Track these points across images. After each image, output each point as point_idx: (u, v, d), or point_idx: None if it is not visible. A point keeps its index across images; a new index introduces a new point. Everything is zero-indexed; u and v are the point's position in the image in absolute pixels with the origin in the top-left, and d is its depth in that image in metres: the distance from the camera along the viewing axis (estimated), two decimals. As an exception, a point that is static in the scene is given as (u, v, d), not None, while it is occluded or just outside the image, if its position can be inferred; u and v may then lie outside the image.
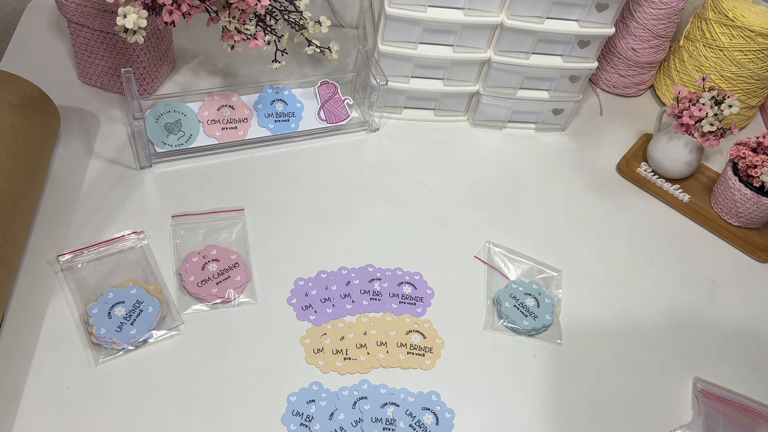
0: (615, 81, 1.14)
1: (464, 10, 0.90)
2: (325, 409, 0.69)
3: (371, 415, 0.69)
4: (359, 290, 0.80)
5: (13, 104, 0.77)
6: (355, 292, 0.80)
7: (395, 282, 0.82)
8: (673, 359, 0.81)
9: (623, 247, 0.92)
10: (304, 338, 0.75)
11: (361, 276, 0.81)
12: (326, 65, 1.07)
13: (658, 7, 1.04)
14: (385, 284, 0.81)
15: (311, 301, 0.78)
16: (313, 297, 0.78)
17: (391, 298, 0.80)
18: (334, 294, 0.79)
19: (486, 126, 1.05)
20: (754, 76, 1.05)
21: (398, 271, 0.83)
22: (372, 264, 0.83)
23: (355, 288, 0.80)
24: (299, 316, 0.77)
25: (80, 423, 0.65)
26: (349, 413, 0.69)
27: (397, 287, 0.81)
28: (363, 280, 0.81)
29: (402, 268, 0.83)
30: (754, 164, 0.91)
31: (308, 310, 0.77)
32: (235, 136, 0.92)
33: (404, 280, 0.82)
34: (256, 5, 0.80)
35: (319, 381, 0.71)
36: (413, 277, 0.83)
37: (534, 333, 0.80)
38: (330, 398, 0.70)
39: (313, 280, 0.80)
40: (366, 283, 0.81)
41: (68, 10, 0.86)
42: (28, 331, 0.70)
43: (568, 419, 0.74)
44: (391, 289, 0.81)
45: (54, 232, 0.78)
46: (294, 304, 0.78)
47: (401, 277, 0.82)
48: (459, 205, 0.92)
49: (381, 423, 0.69)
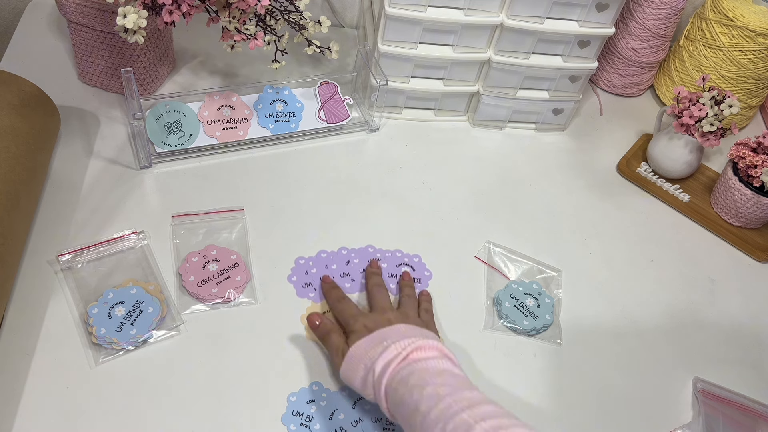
0: (615, 81, 1.15)
1: (464, 10, 0.90)
2: (325, 409, 0.69)
3: (372, 416, 0.70)
4: (359, 269, 0.82)
5: (13, 104, 0.77)
6: (355, 271, 0.82)
7: (394, 263, 0.83)
8: (673, 359, 0.81)
9: (623, 247, 0.92)
10: (303, 316, 0.76)
11: (360, 255, 0.83)
12: (326, 65, 1.07)
13: (658, 7, 1.04)
14: (384, 264, 0.83)
15: (311, 279, 0.80)
16: (313, 275, 0.80)
17: (389, 279, 0.82)
18: (334, 273, 0.81)
19: (486, 126, 1.05)
20: (754, 76, 1.05)
21: (398, 252, 0.85)
22: (372, 245, 0.85)
23: (354, 267, 0.82)
24: (299, 293, 0.79)
25: (80, 423, 0.65)
26: (349, 413, 0.69)
27: (396, 268, 0.83)
28: (363, 260, 0.83)
29: (402, 250, 0.85)
30: (754, 164, 0.91)
31: (308, 287, 0.79)
32: (235, 136, 0.92)
33: (403, 261, 0.84)
34: (256, 5, 0.80)
35: (319, 381, 0.71)
36: (412, 259, 0.85)
37: (534, 333, 0.80)
38: (330, 398, 0.70)
39: (314, 259, 0.82)
40: (366, 263, 0.83)
41: (68, 10, 0.86)
42: (28, 331, 0.70)
43: (568, 419, 0.74)
44: (390, 270, 0.83)
45: (54, 232, 0.78)
46: (294, 281, 0.80)
47: (400, 259, 0.84)
48: (459, 205, 0.92)
49: (381, 423, 0.69)
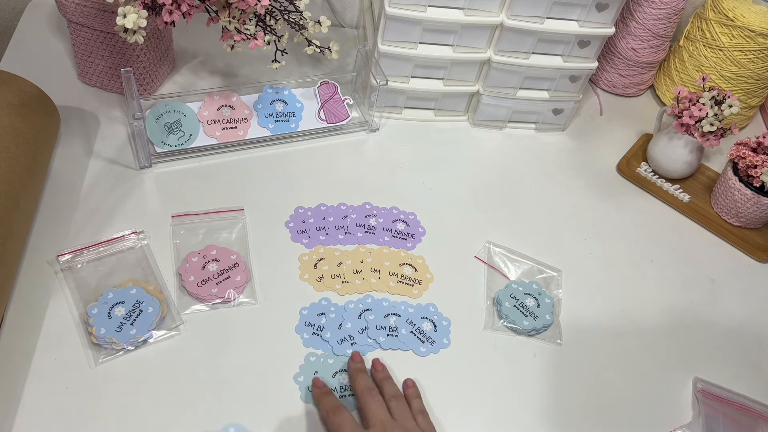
0: (615, 81, 1.15)
1: (464, 10, 0.90)
2: (334, 321, 0.76)
3: (376, 324, 0.77)
4: (356, 224, 0.87)
5: (13, 104, 0.77)
6: (352, 226, 0.86)
7: (390, 219, 0.87)
8: (673, 359, 0.81)
9: (623, 247, 0.92)
10: (302, 264, 0.81)
11: (358, 212, 0.88)
12: (326, 65, 1.07)
13: (658, 7, 1.04)
14: (380, 220, 0.87)
15: (307, 227, 0.84)
16: (310, 224, 0.85)
17: (384, 232, 0.86)
18: (330, 225, 0.85)
19: (486, 126, 1.05)
20: (754, 76, 1.05)
21: (394, 209, 0.89)
22: (369, 202, 0.89)
23: (352, 222, 0.86)
24: (293, 238, 0.83)
25: (80, 423, 0.65)
26: (356, 323, 0.77)
27: (392, 224, 0.87)
28: (360, 215, 0.87)
29: (398, 207, 0.89)
30: (754, 164, 0.91)
31: (302, 234, 0.84)
32: (235, 136, 0.92)
33: (399, 218, 0.88)
34: (256, 5, 0.80)
35: (328, 297, 0.78)
36: (408, 216, 0.89)
37: (534, 333, 0.80)
38: (338, 311, 0.77)
39: (312, 210, 0.87)
40: (363, 218, 0.87)
41: (68, 10, 0.86)
42: (28, 331, 0.70)
43: (568, 419, 0.74)
44: (385, 224, 0.87)
45: (54, 232, 0.78)
46: (291, 227, 0.84)
47: (396, 216, 0.88)
48: (459, 205, 0.92)
49: (385, 330, 0.77)
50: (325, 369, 0.72)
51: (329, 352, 0.74)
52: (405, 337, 0.76)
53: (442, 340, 0.77)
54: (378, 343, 0.75)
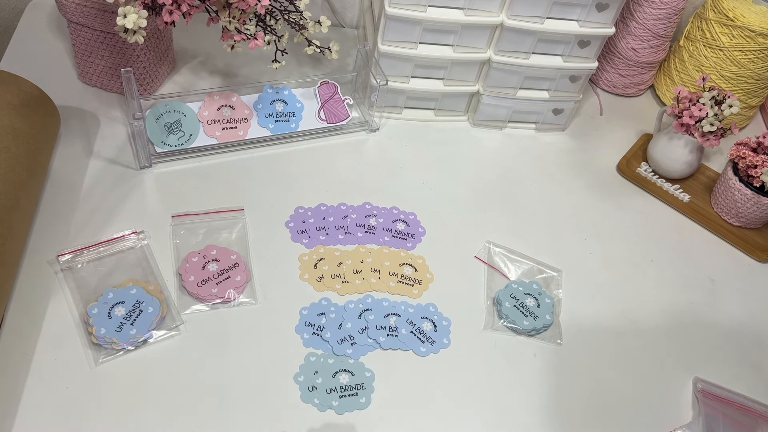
0: (615, 81, 1.15)
1: (464, 10, 0.90)
2: (334, 321, 0.77)
3: (376, 324, 0.77)
4: (355, 224, 0.86)
5: (13, 104, 0.77)
6: (352, 226, 0.85)
7: (390, 219, 0.87)
8: (673, 359, 0.81)
9: (623, 247, 0.92)
10: (302, 264, 0.81)
11: (358, 212, 0.88)
12: (326, 65, 1.07)
13: (658, 7, 1.04)
14: (380, 220, 0.87)
15: (307, 227, 0.84)
16: (310, 224, 0.85)
17: (384, 232, 0.86)
18: (330, 225, 0.85)
19: (486, 126, 1.05)
20: (754, 76, 1.05)
21: (394, 209, 0.89)
22: (369, 202, 0.89)
23: (352, 222, 0.86)
24: (293, 238, 0.83)
25: (80, 423, 0.65)
26: (356, 323, 0.77)
27: (392, 223, 0.87)
28: (360, 215, 0.88)
29: (398, 207, 0.89)
30: (754, 164, 0.91)
31: (302, 234, 0.84)
32: (235, 136, 0.92)
33: (399, 218, 0.88)
34: (256, 5, 0.80)
35: (328, 297, 0.78)
36: (408, 216, 0.88)
37: (534, 333, 0.80)
38: (338, 311, 0.77)
39: (312, 210, 0.87)
40: (363, 218, 0.87)
41: (68, 10, 0.86)
42: (28, 331, 0.70)
43: (568, 419, 0.74)
44: (385, 224, 0.86)
45: (54, 232, 0.78)
46: (291, 227, 0.84)
47: (396, 216, 0.88)
48: (459, 205, 0.92)
49: (385, 330, 0.77)
50: (325, 369, 0.72)
51: (329, 352, 0.74)
52: (405, 337, 0.76)
53: (442, 340, 0.77)
54: (378, 343, 0.75)
